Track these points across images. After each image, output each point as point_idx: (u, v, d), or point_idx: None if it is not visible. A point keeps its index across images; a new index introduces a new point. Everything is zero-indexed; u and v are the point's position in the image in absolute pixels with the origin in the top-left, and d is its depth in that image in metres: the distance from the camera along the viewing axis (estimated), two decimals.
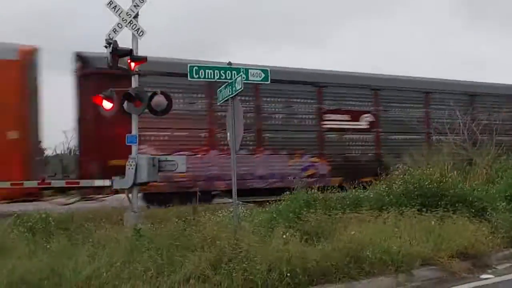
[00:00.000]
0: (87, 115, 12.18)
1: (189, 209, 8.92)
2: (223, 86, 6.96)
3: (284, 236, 6.03)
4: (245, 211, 8.66)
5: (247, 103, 13.33)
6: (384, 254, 6.00)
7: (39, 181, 11.52)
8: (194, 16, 55.10)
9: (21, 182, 11.17)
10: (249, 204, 10.74)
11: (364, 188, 9.27)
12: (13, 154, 11.06)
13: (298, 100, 14.57)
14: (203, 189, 11.63)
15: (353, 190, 9.00)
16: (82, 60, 12.57)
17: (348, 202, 8.27)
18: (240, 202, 8.15)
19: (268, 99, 14.13)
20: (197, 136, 13.17)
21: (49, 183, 11.77)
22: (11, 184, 10.85)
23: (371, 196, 8.69)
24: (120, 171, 9.30)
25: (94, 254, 5.59)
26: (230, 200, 8.77)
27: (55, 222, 7.52)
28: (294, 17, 58.21)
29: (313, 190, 8.34)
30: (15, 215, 7.76)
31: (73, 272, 5.07)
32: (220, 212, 8.22)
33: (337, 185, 10.74)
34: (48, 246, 6.10)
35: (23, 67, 11.22)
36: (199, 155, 13.07)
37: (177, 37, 52.75)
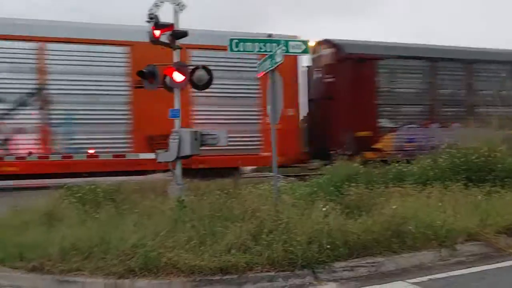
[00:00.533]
0: (339, 94, 14.36)
1: (231, 182, 9.05)
2: (263, 59, 6.92)
3: (324, 209, 6.03)
4: (285, 184, 8.70)
5: (459, 82, 15.61)
6: (427, 229, 5.90)
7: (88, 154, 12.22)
8: None
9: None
10: (289, 177, 10.80)
11: None
12: (290, 129, 13.51)
13: (504, 77, 16.10)
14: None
15: (396, 164, 8.85)
16: (336, 46, 14.67)
17: (391, 176, 8.16)
18: (281, 175, 8.18)
19: (478, 77, 15.83)
20: (421, 111, 15.24)
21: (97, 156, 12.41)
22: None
23: (415, 170, 8.51)
24: (364, 142, 13.67)
25: (140, 224, 5.82)
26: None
27: (103, 193, 7.85)
28: None
29: (354, 164, 8.26)
30: (66, 186, 8.16)
31: (120, 241, 5.31)
32: (261, 185, 8.30)
33: None
34: (96, 216, 6.39)
35: None
36: (423, 128, 15.03)
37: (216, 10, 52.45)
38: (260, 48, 6.77)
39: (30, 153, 12.09)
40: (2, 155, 11.96)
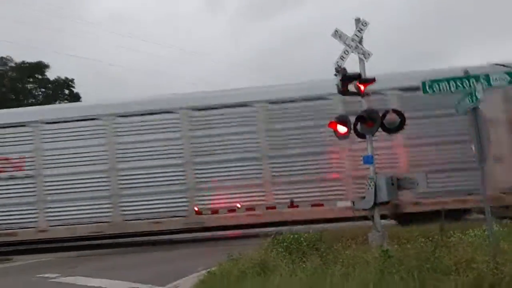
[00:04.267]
0: None
1: (435, 228, 8.48)
2: (461, 97, 6.51)
3: None
4: (501, 229, 7.78)
5: None
6: None
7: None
8: (411, 25, 53.05)
9: None
10: (504, 220, 9.61)
11: None
12: None
13: None
14: None
15: None
16: None
17: None
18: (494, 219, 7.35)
19: None
20: None
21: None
22: None
23: None
24: None
25: (347, 274, 5.85)
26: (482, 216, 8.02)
27: (306, 242, 8.18)
28: None
29: None
30: (273, 235, 8.75)
31: None
32: (471, 231, 7.60)
33: None
34: (303, 266, 6.66)
35: None
36: None
37: (396, 49, 51.50)
38: (457, 87, 6.40)
39: None
40: None
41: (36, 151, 15.15)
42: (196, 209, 14.10)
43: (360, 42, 8.82)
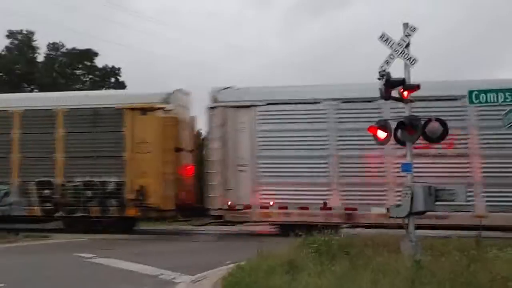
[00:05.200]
0: None
1: (471, 243, 8.26)
2: (509, 109, 6.31)
3: None
4: None
5: None
6: None
7: None
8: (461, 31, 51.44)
9: None
10: None
11: None
12: None
13: None
14: None
15: None
16: None
17: None
18: None
19: None
20: None
21: None
22: None
23: None
24: None
25: (376, 281, 5.79)
26: None
27: (336, 245, 8.13)
28: None
29: None
30: (303, 236, 8.76)
31: None
32: (509, 248, 7.36)
33: None
34: (332, 268, 6.63)
35: None
36: None
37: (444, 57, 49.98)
38: (505, 99, 6.21)
39: None
40: None
41: (471, 129, 13.88)
42: None
43: (407, 47, 8.65)
